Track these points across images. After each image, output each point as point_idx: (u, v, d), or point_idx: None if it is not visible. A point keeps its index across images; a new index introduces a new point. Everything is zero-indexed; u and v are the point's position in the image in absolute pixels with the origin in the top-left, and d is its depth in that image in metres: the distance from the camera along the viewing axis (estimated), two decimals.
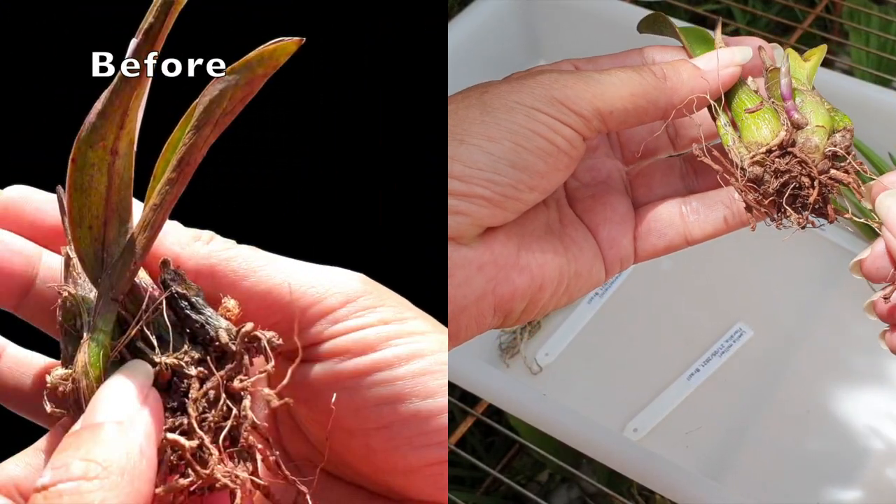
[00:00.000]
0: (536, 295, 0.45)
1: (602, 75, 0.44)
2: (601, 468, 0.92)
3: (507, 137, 0.42)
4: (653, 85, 0.45)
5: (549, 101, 0.43)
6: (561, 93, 0.43)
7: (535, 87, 0.43)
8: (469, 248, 0.43)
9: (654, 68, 0.46)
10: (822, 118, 0.46)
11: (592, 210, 0.48)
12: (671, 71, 0.46)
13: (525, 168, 0.43)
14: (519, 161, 0.42)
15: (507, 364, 0.96)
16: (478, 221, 0.43)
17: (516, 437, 0.90)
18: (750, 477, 0.87)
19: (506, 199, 0.43)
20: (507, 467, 0.98)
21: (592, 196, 0.49)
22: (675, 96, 0.45)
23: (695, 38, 0.49)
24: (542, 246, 0.46)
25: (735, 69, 0.46)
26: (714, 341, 0.95)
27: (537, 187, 0.43)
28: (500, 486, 0.99)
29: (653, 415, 0.91)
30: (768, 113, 0.46)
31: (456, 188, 0.41)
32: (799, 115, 0.46)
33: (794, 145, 0.45)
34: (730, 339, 0.95)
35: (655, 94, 0.45)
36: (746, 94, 0.47)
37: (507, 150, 0.42)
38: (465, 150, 0.42)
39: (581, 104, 0.43)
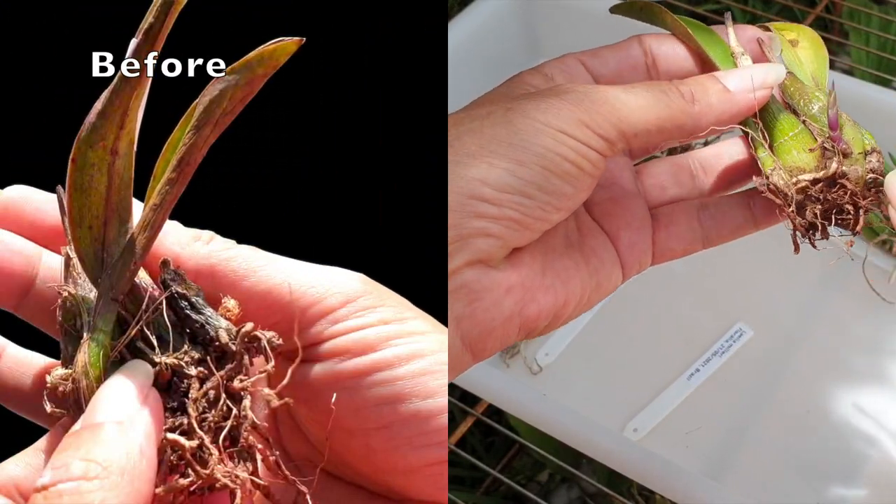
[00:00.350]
0: (560, 311, 0.45)
1: (629, 96, 0.43)
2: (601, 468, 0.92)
3: (535, 162, 0.42)
4: (680, 109, 0.44)
5: (575, 124, 0.42)
6: (587, 116, 0.42)
7: (561, 107, 0.43)
8: (498, 270, 0.43)
9: (683, 89, 0.44)
10: (858, 143, 0.45)
11: (612, 214, 0.48)
12: (700, 92, 0.44)
13: (553, 191, 0.42)
14: (547, 185, 0.42)
15: (507, 364, 0.96)
16: (507, 243, 0.42)
17: (516, 437, 0.90)
18: (750, 477, 0.87)
19: (534, 221, 0.42)
20: (507, 467, 0.98)
21: (611, 199, 0.48)
22: (703, 121, 0.44)
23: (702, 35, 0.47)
24: (564, 262, 0.45)
25: (767, 92, 0.45)
26: (714, 341, 0.95)
27: (563, 207, 0.43)
28: (500, 486, 0.99)
29: (653, 415, 0.91)
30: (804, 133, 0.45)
31: (487, 211, 0.41)
32: (845, 145, 0.45)
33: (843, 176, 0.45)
34: (730, 339, 0.95)
35: (682, 118, 0.44)
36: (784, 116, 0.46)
37: (536, 174, 0.42)
38: (496, 173, 0.41)
39: (607, 128, 0.43)
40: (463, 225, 0.41)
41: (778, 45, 0.48)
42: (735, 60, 0.47)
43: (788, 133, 0.45)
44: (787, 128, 0.46)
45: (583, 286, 0.46)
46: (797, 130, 0.45)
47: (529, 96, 0.44)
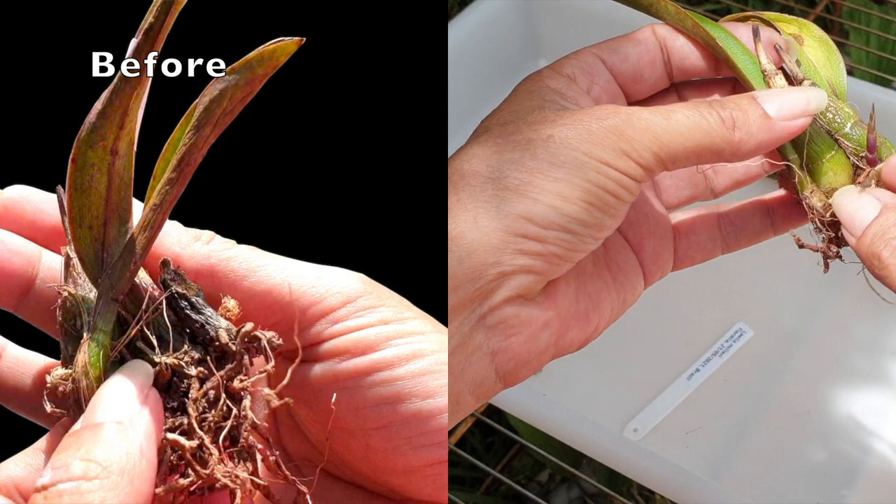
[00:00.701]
0: (590, 336, 0.45)
1: (670, 123, 0.42)
2: (601, 468, 0.92)
3: (579, 197, 0.41)
4: (721, 137, 0.42)
5: (617, 155, 0.41)
6: (629, 145, 0.41)
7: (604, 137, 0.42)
8: (536, 304, 0.42)
9: (724, 114, 0.43)
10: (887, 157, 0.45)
11: (636, 223, 0.47)
12: (741, 118, 0.43)
13: (594, 225, 0.42)
14: (590, 219, 0.41)
15: None
16: (546, 278, 0.42)
17: (516, 437, 0.90)
18: (750, 477, 0.87)
19: (574, 254, 0.42)
20: (507, 467, 0.98)
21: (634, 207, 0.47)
22: (743, 149, 0.43)
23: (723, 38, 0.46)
24: (596, 285, 0.45)
25: (807, 120, 0.44)
26: (714, 341, 0.95)
27: (600, 238, 0.43)
28: (500, 486, 0.99)
29: (653, 415, 0.91)
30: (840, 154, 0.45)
31: (531, 248, 0.40)
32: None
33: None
34: (730, 339, 0.95)
35: (721, 145, 0.43)
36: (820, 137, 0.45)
37: (580, 210, 0.41)
38: (541, 209, 0.40)
39: (647, 157, 0.42)
40: (505, 262, 0.40)
41: (795, 52, 0.47)
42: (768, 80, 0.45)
43: (825, 156, 0.45)
44: (824, 150, 0.45)
45: (612, 306, 0.46)
46: (833, 153, 0.45)
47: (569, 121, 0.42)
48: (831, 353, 0.94)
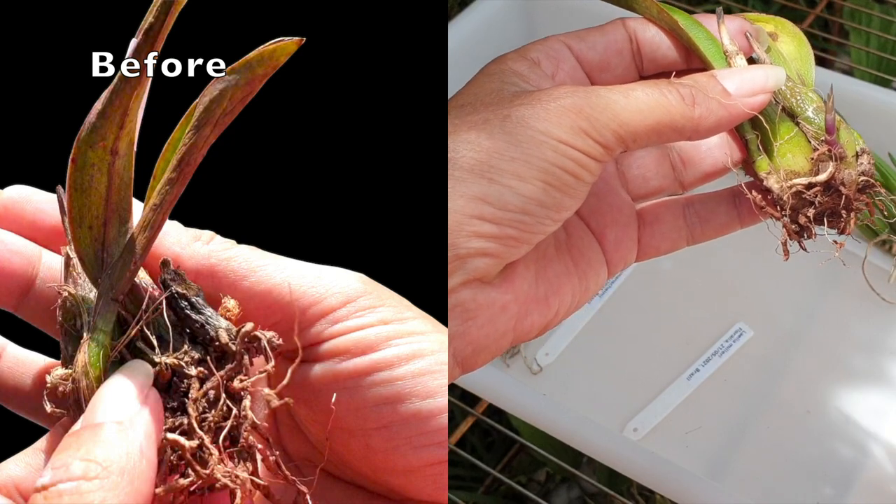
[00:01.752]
0: (551, 321, 0.45)
1: (629, 100, 0.42)
2: (601, 468, 0.92)
3: (537, 177, 0.41)
4: (681, 113, 0.43)
5: (576, 133, 0.41)
6: (587, 123, 0.41)
7: (562, 116, 0.41)
8: (493, 287, 0.42)
9: (683, 91, 0.43)
10: (851, 146, 0.45)
11: (599, 211, 0.47)
12: (700, 95, 0.43)
13: (553, 205, 0.41)
14: (548, 199, 0.41)
15: (508, 364, 0.96)
16: (503, 261, 0.42)
17: (516, 437, 0.90)
18: (750, 477, 0.87)
19: (532, 236, 0.42)
20: (507, 467, 0.98)
21: (595, 195, 0.47)
22: (703, 125, 0.43)
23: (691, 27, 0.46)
24: (556, 270, 0.45)
25: (768, 96, 0.44)
26: (714, 341, 0.95)
27: (560, 219, 0.42)
28: (500, 485, 0.99)
29: (653, 415, 0.91)
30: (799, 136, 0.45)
31: (487, 230, 0.40)
32: (842, 150, 0.45)
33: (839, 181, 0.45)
34: (730, 339, 0.95)
35: (681, 122, 0.43)
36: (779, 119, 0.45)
37: (538, 190, 0.41)
38: (496, 190, 0.40)
39: (607, 135, 0.41)
40: (461, 245, 0.40)
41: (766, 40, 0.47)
42: (729, 60, 0.46)
43: (784, 136, 0.45)
44: (783, 131, 0.45)
45: (573, 292, 0.45)
46: (792, 134, 0.45)
47: (526, 101, 0.42)
48: (831, 353, 0.94)
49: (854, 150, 0.45)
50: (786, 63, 0.47)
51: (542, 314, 0.44)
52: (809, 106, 0.46)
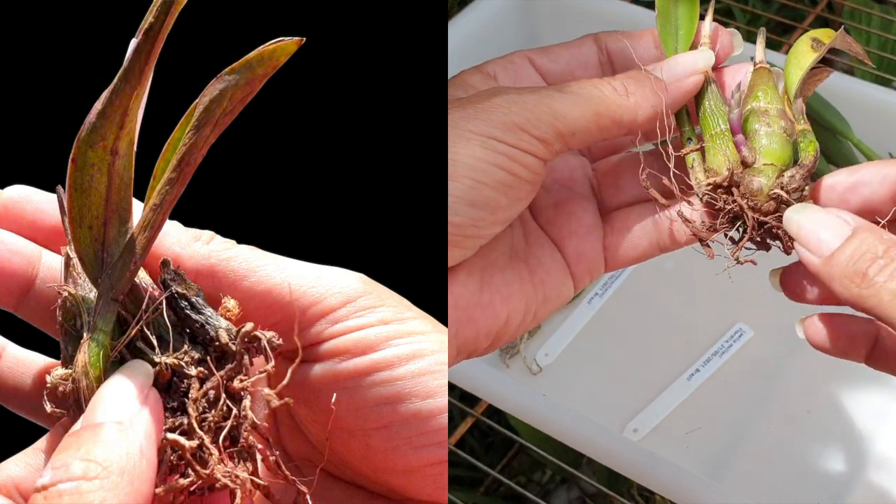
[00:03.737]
0: (501, 330, 0.44)
1: (563, 94, 0.42)
2: (601, 468, 0.92)
3: (463, 174, 0.40)
4: (616, 103, 0.42)
5: (507, 128, 0.40)
6: (520, 117, 0.40)
7: (491, 111, 0.40)
8: None
9: (615, 83, 0.43)
10: (773, 155, 0.44)
11: (556, 222, 0.46)
12: (633, 85, 0.43)
13: (485, 205, 0.40)
14: (478, 199, 0.40)
15: (507, 364, 0.96)
16: None
17: (516, 438, 0.90)
18: (750, 477, 0.87)
19: (465, 239, 0.41)
20: (506, 467, 0.98)
21: (555, 205, 0.46)
22: (640, 113, 0.43)
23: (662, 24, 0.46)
24: (506, 277, 0.44)
25: (698, 77, 0.44)
26: (714, 341, 0.95)
27: (498, 221, 0.41)
28: (499, 486, 0.99)
29: (653, 415, 0.91)
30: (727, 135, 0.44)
31: None
32: (746, 152, 0.44)
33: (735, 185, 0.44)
34: (730, 339, 0.95)
35: (619, 112, 0.42)
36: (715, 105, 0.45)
37: (465, 188, 0.40)
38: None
39: (542, 128, 0.41)
40: None
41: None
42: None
43: (711, 130, 0.44)
44: (713, 124, 0.44)
45: (527, 301, 0.44)
46: (722, 129, 0.44)
47: (458, 103, 0.41)
48: None
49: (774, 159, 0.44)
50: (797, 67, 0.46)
51: (488, 321, 0.43)
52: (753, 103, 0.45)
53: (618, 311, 0.98)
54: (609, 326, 0.98)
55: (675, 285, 1.00)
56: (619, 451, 0.77)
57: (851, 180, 0.44)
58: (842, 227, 0.41)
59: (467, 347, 0.43)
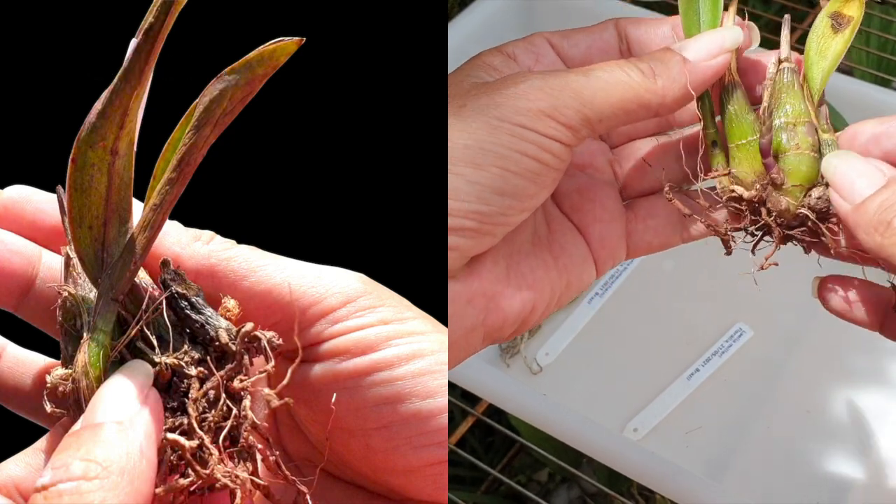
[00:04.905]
0: (528, 317, 0.44)
1: (588, 78, 0.41)
2: (601, 468, 0.92)
3: (493, 163, 0.39)
4: (644, 87, 0.42)
5: (534, 116, 0.40)
6: (547, 103, 0.40)
7: (518, 98, 0.40)
8: (457, 280, 0.41)
9: (643, 66, 0.42)
10: (801, 176, 0.44)
11: (581, 208, 0.46)
12: (660, 67, 0.42)
13: (513, 193, 0.40)
14: (507, 187, 0.40)
15: (507, 364, 0.96)
16: (465, 254, 0.41)
17: (516, 437, 0.90)
18: (750, 477, 0.87)
19: (494, 227, 0.41)
20: (507, 467, 0.98)
21: (579, 191, 0.46)
22: (668, 96, 0.42)
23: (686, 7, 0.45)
24: (531, 263, 0.44)
25: (725, 57, 0.43)
26: (714, 341, 0.95)
27: (525, 208, 0.41)
28: (500, 485, 0.99)
29: (653, 415, 0.91)
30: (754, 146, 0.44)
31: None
32: (776, 174, 0.44)
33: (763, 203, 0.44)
34: (730, 339, 0.95)
35: (647, 97, 0.42)
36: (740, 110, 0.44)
37: (495, 177, 0.39)
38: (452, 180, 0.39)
39: (569, 114, 0.40)
40: None
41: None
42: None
43: (738, 140, 0.44)
44: (739, 134, 0.44)
45: (552, 287, 0.44)
46: (748, 140, 0.44)
47: (483, 90, 0.41)
48: (831, 353, 0.94)
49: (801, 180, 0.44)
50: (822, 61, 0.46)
51: (516, 308, 0.43)
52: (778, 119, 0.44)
53: (618, 311, 0.98)
54: (609, 326, 0.98)
55: (675, 285, 1.00)
56: (619, 451, 0.77)
57: (878, 130, 0.44)
58: (876, 177, 0.42)
59: (494, 334, 0.43)
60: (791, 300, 0.98)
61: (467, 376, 0.82)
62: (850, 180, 0.42)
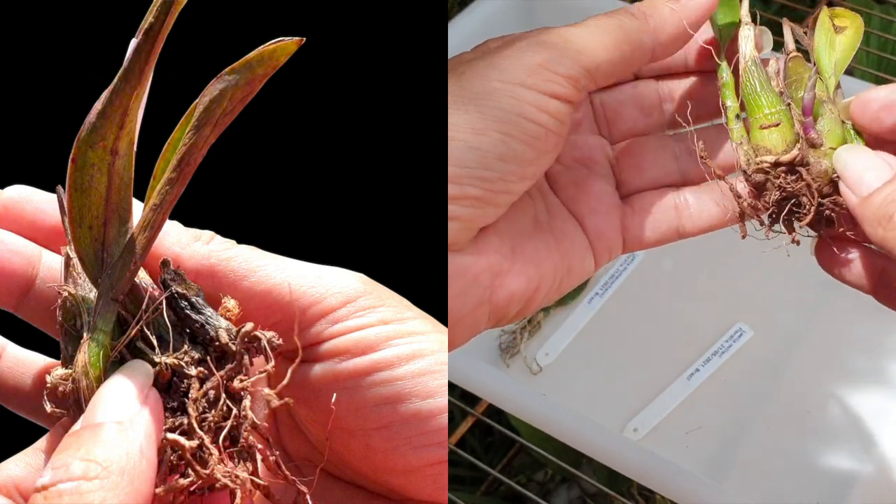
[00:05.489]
0: (532, 296, 0.44)
1: (580, 29, 0.42)
2: (601, 468, 0.92)
3: (493, 128, 0.39)
4: (636, 29, 0.43)
5: (531, 70, 0.40)
6: (543, 56, 0.40)
7: (515, 57, 0.40)
8: (464, 254, 0.41)
9: (633, 9, 0.43)
10: (836, 139, 0.44)
11: (577, 199, 0.46)
12: (650, 8, 0.43)
13: (514, 158, 0.40)
14: (508, 152, 0.40)
15: (507, 364, 0.96)
16: (471, 224, 0.41)
17: (516, 437, 0.90)
18: (750, 477, 0.87)
19: (497, 195, 0.41)
20: (507, 467, 0.98)
21: (575, 183, 0.46)
22: (661, 34, 0.43)
23: None
24: (535, 244, 0.44)
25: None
26: (714, 341, 0.95)
27: (527, 175, 0.41)
28: (500, 486, 0.99)
29: (653, 415, 0.91)
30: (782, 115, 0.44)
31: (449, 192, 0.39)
32: (815, 135, 0.44)
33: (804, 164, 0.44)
34: (730, 339, 0.95)
35: (640, 36, 0.43)
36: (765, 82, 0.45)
37: (496, 141, 0.39)
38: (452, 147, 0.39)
39: (567, 63, 0.41)
40: None
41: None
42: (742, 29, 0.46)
43: (763, 111, 0.44)
44: (764, 105, 0.44)
45: (555, 269, 0.45)
46: (774, 110, 0.44)
47: (480, 55, 0.41)
48: (831, 353, 0.94)
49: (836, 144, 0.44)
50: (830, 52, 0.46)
51: (521, 286, 0.43)
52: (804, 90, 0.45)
53: (618, 311, 0.98)
54: (609, 326, 0.98)
55: (674, 285, 1.00)
56: (619, 451, 0.77)
57: (890, 99, 0.44)
58: (884, 171, 0.42)
59: (499, 313, 0.43)
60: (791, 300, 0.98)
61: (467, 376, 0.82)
62: (858, 173, 0.42)
